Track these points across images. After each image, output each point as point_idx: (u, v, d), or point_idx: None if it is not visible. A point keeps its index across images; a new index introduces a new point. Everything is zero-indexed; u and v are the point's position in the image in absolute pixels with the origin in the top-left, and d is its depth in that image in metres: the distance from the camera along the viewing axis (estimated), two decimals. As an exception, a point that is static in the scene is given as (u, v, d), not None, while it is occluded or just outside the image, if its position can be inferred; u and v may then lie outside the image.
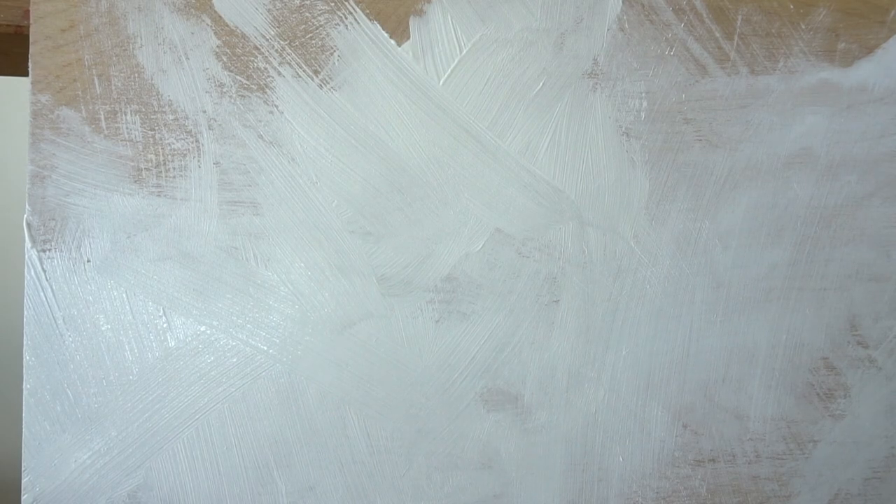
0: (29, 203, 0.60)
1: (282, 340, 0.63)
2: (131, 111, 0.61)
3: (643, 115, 0.66)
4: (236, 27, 0.62)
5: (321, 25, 0.63)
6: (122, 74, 0.61)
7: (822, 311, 0.69)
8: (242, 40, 0.62)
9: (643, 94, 0.66)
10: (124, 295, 0.61)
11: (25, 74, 0.61)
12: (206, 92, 0.62)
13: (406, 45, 0.63)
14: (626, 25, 0.66)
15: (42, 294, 0.61)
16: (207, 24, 0.61)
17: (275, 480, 0.64)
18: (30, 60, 0.60)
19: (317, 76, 0.63)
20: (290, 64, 0.62)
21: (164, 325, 0.62)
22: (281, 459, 0.64)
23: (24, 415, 0.61)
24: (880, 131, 0.69)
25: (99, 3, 0.60)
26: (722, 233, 0.68)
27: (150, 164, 0.61)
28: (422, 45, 0.64)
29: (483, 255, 0.65)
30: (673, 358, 0.68)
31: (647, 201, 0.67)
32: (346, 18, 0.63)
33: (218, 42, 0.62)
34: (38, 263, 0.60)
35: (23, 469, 0.61)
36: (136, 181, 0.62)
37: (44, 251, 0.60)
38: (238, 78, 0.62)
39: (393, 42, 0.63)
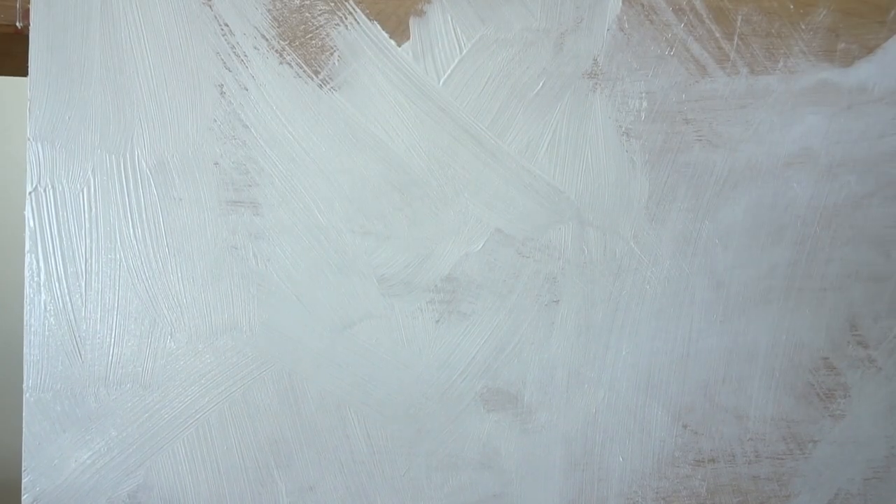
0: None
1: (282, 340, 0.63)
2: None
3: (643, 115, 0.66)
4: (236, 27, 0.62)
5: (321, 26, 0.63)
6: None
7: (821, 311, 0.69)
8: (242, 40, 0.62)
9: (643, 95, 0.66)
10: (124, 296, 0.61)
11: (24, 74, 0.61)
12: (206, 92, 0.62)
13: (406, 45, 0.63)
14: (626, 26, 0.66)
15: (42, 295, 0.61)
16: (207, 24, 0.61)
17: (275, 480, 0.64)
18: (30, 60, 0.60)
19: (317, 76, 0.63)
20: (290, 64, 0.62)
21: (165, 325, 0.62)
22: (281, 459, 0.64)
23: (24, 415, 0.61)
24: (880, 131, 0.69)
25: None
26: (722, 233, 0.68)
27: (150, 164, 0.62)
28: (422, 46, 0.64)
29: (483, 255, 0.65)
30: (673, 358, 0.68)
31: (647, 201, 0.67)
32: (346, 19, 0.63)
33: (218, 42, 0.62)
34: (38, 265, 0.60)
35: (23, 469, 0.61)
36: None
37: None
38: (238, 78, 0.62)
39: (393, 42, 0.63)
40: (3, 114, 1.74)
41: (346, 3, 0.63)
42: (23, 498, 0.61)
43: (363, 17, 0.63)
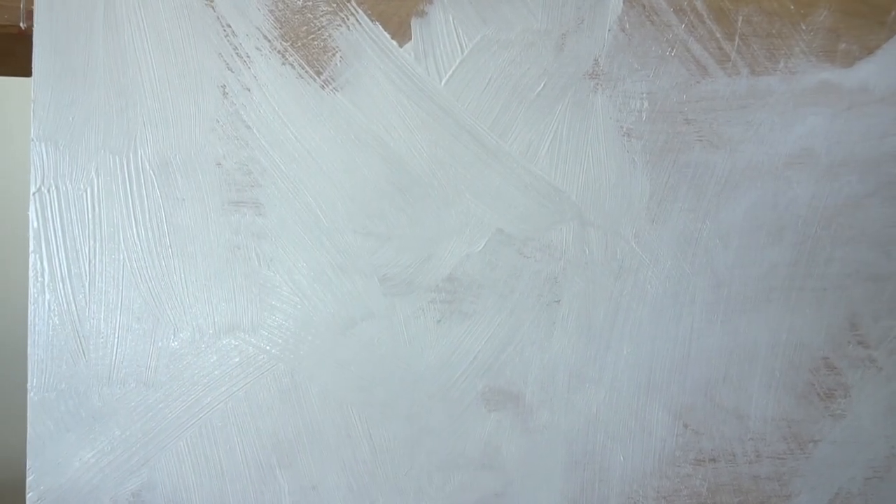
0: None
1: (284, 340, 0.64)
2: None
3: (644, 115, 0.66)
4: (239, 28, 0.62)
5: (323, 27, 0.63)
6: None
7: (822, 310, 0.69)
8: (245, 41, 0.62)
9: (644, 95, 0.66)
10: (128, 295, 0.62)
11: (28, 74, 0.61)
12: (209, 92, 0.62)
13: (408, 46, 0.64)
14: (627, 26, 0.66)
15: (46, 295, 0.61)
16: (209, 25, 0.62)
17: (277, 479, 0.64)
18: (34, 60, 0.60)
19: (319, 77, 0.63)
20: (292, 65, 0.63)
21: (168, 325, 0.62)
22: (283, 459, 0.64)
23: (28, 414, 0.61)
24: (881, 132, 0.69)
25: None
26: (723, 233, 0.68)
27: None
28: (423, 46, 0.64)
29: (484, 255, 0.66)
30: (674, 358, 0.68)
31: (648, 201, 0.67)
32: (349, 20, 0.63)
33: (220, 43, 0.62)
34: (42, 265, 0.61)
35: (27, 468, 0.61)
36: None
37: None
38: (241, 79, 0.62)
39: (395, 43, 0.63)
40: (7, 114, 1.75)
41: (349, 5, 0.63)
42: (27, 497, 0.61)
43: (365, 18, 0.63)
